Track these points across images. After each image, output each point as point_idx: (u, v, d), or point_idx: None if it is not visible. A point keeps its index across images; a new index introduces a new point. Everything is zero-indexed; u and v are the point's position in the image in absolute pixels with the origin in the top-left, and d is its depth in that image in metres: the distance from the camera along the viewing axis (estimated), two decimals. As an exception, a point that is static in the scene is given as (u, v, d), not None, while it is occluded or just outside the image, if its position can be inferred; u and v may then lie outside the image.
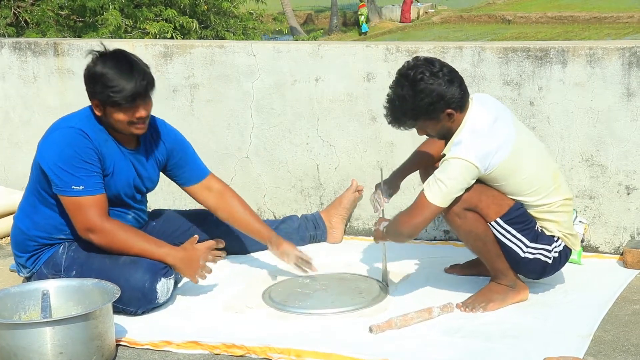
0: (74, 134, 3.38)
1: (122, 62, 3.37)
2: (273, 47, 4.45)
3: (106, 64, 3.35)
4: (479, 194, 3.24)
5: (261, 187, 4.56)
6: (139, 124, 3.41)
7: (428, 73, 3.20)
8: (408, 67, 3.26)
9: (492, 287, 3.39)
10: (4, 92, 5.04)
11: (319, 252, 4.13)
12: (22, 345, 2.85)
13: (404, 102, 3.23)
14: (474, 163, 3.15)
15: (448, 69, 3.25)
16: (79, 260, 3.48)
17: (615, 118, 3.82)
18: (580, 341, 3.04)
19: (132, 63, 3.38)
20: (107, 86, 3.31)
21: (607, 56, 3.78)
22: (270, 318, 3.39)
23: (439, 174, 3.18)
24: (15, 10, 9.28)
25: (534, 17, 25.80)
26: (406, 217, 3.27)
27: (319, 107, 4.36)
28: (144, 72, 3.38)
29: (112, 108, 3.35)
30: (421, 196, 3.21)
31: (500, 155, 3.19)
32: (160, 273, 3.41)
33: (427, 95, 3.19)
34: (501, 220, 3.26)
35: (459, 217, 3.26)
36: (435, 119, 3.26)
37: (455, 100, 3.22)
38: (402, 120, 3.30)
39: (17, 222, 3.61)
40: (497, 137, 3.21)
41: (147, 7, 9.76)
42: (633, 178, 3.85)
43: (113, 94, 3.31)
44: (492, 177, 3.23)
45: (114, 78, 3.31)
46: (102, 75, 3.33)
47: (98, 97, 3.36)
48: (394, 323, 3.20)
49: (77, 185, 3.34)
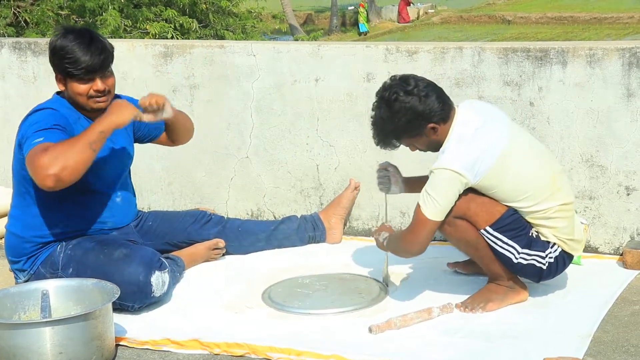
0: (45, 112, 3.42)
1: (83, 36, 3.43)
2: (273, 47, 4.45)
3: (67, 38, 3.41)
4: (468, 202, 3.23)
5: (261, 187, 4.57)
6: (98, 97, 3.45)
7: (402, 92, 3.22)
8: (384, 88, 3.29)
9: (491, 288, 3.38)
10: (4, 92, 5.04)
11: (319, 252, 4.14)
12: (21, 345, 2.85)
13: (384, 123, 3.27)
14: (459, 172, 3.14)
15: (424, 83, 3.26)
16: (75, 257, 3.48)
17: (615, 118, 3.82)
18: (580, 341, 3.04)
19: (93, 38, 3.44)
20: (65, 58, 3.39)
21: (607, 57, 3.78)
22: (270, 318, 3.39)
23: (429, 189, 3.18)
24: (15, 10, 9.29)
25: (534, 18, 25.83)
26: (410, 235, 3.27)
27: (318, 107, 4.36)
28: (104, 46, 3.44)
29: (72, 80, 3.42)
30: (419, 213, 3.21)
31: (486, 162, 3.17)
32: (155, 266, 3.41)
33: (403, 114, 3.21)
34: (490, 228, 3.25)
35: (449, 225, 3.26)
36: (419, 135, 3.27)
37: (435, 113, 3.22)
38: (387, 141, 3.33)
39: (9, 228, 3.61)
40: (482, 144, 3.19)
41: (146, 7, 9.76)
42: (633, 179, 3.85)
43: (69, 64, 3.38)
44: (482, 185, 3.22)
45: (72, 50, 3.38)
46: (61, 48, 3.40)
47: (58, 70, 3.43)
48: (394, 323, 3.20)
49: (38, 138, 3.27)
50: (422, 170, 3.90)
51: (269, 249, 4.15)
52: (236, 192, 4.61)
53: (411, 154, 3.54)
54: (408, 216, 4.25)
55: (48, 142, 3.24)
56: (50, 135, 3.28)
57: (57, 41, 3.43)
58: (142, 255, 3.43)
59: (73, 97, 3.46)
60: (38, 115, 3.43)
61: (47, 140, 3.25)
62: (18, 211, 3.57)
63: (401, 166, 3.70)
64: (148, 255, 3.44)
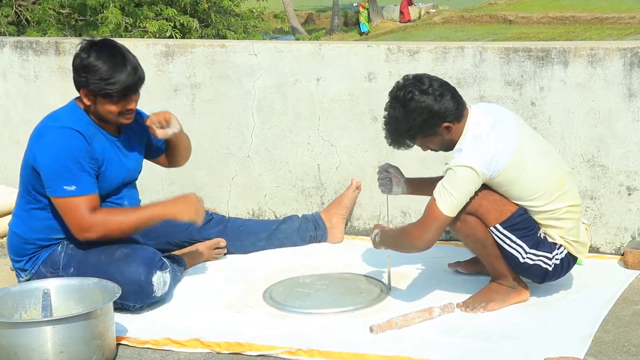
0: (67, 133, 3.37)
1: (115, 54, 3.39)
2: (274, 47, 4.45)
3: (100, 56, 3.36)
4: (480, 198, 3.23)
5: (262, 186, 4.57)
6: (128, 114, 3.46)
7: (417, 91, 3.21)
8: (398, 87, 3.28)
9: (492, 287, 3.38)
10: (5, 91, 5.04)
11: (320, 252, 4.14)
12: (22, 344, 2.85)
13: (399, 123, 3.25)
14: (478, 169, 3.15)
15: (438, 83, 3.26)
16: (76, 257, 3.48)
17: (617, 118, 3.82)
18: (581, 342, 3.04)
19: (125, 56, 3.41)
20: (103, 79, 3.33)
21: (609, 57, 3.78)
22: (271, 318, 3.39)
23: (446, 184, 3.17)
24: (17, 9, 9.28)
25: (536, 18, 25.81)
26: (419, 230, 3.24)
27: (320, 106, 4.36)
28: (136, 64, 3.43)
29: (104, 99, 3.38)
30: (433, 207, 3.19)
31: (502, 160, 3.18)
32: (156, 266, 3.41)
33: (419, 113, 3.21)
34: (501, 226, 3.25)
35: (459, 221, 3.26)
36: (433, 134, 3.27)
37: (450, 112, 3.22)
38: (401, 140, 3.32)
39: (12, 228, 3.60)
40: (497, 142, 3.20)
41: (147, 5, 9.76)
42: (634, 179, 3.85)
43: (108, 86, 3.34)
44: (496, 183, 3.23)
45: (109, 71, 3.33)
46: (96, 67, 3.34)
47: (90, 88, 3.37)
48: (395, 323, 3.20)
49: (69, 185, 3.33)
50: (422, 169, 3.91)
51: (270, 249, 4.15)
52: (237, 192, 4.61)
53: (411, 154, 3.55)
54: (409, 215, 4.25)
55: (84, 194, 3.33)
56: (82, 184, 3.33)
57: (88, 58, 3.36)
58: (144, 255, 3.43)
59: (101, 113, 3.43)
60: (58, 140, 3.36)
61: (83, 192, 3.33)
62: (23, 213, 3.55)
63: (402, 166, 3.70)
64: (149, 255, 3.44)
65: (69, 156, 3.34)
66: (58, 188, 3.34)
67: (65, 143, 3.36)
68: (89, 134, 3.42)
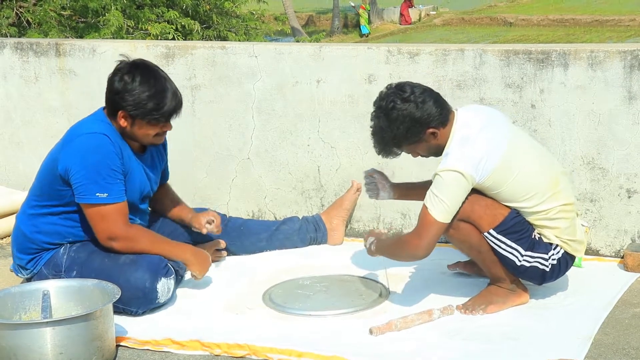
0: (99, 139, 3.37)
1: (157, 78, 3.42)
2: (274, 49, 4.46)
3: (144, 81, 3.37)
4: (471, 204, 3.23)
5: (262, 188, 4.57)
6: (163, 135, 3.52)
7: (399, 100, 3.22)
8: (380, 97, 3.30)
9: (492, 290, 3.38)
10: (6, 92, 5.04)
11: (320, 253, 4.14)
12: (22, 345, 2.85)
13: (384, 132, 3.27)
14: (465, 172, 3.14)
15: (420, 90, 3.26)
16: (79, 260, 3.48)
17: (617, 121, 3.82)
18: (581, 344, 3.04)
19: (165, 79, 3.45)
20: (151, 107, 3.36)
21: (609, 59, 3.78)
22: (271, 319, 3.39)
23: (435, 190, 3.17)
24: (18, 10, 9.28)
25: (536, 20, 25.80)
26: (416, 238, 3.23)
27: (320, 108, 4.37)
28: (175, 88, 3.47)
29: (147, 124, 3.41)
30: (426, 215, 3.19)
31: (491, 161, 3.17)
32: (161, 273, 3.41)
33: (402, 122, 3.22)
34: (494, 231, 3.25)
35: (452, 228, 3.26)
36: (419, 141, 3.28)
37: (433, 118, 3.23)
38: (388, 149, 3.33)
39: (19, 225, 3.59)
40: (486, 144, 3.20)
41: (149, 8, 9.76)
42: (634, 181, 3.85)
43: (156, 112, 3.37)
44: (486, 186, 3.22)
45: (155, 98, 3.37)
46: (142, 93, 3.36)
47: (132, 112, 3.38)
48: (394, 325, 3.20)
49: (101, 193, 3.35)
50: (422, 171, 3.91)
51: (270, 249, 4.15)
52: (237, 193, 4.61)
53: (409, 156, 3.54)
54: (409, 218, 4.25)
55: (115, 202, 3.36)
56: (114, 192, 3.36)
57: (133, 83, 3.36)
58: (149, 261, 3.42)
59: (137, 135, 3.45)
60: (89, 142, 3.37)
61: (114, 200, 3.36)
62: (33, 211, 3.54)
63: (400, 168, 3.70)
64: (155, 261, 3.43)
65: (100, 161, 3.35)
66: (90, 195, 3.35)
67: (96, 147, 3.36)
68: (119, 143, 3.43)
